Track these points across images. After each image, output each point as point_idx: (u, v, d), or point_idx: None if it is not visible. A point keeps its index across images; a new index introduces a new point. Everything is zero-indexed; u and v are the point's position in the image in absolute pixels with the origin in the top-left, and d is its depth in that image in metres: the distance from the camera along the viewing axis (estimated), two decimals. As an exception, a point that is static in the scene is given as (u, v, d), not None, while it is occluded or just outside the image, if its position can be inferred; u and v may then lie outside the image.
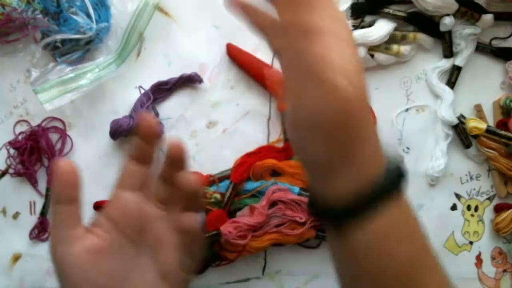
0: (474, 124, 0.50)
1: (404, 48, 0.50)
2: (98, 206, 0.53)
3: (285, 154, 0.51)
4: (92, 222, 0.33)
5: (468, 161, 0.52)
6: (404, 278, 0.30)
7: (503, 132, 0.49)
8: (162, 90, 0.52)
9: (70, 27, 0.50)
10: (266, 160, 0.50)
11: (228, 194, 0.49)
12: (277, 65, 0.52)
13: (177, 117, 0.53)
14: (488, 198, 0.53)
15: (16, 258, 0.55)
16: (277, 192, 0.49)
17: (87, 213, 0.55)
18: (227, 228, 0.47)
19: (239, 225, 0.48)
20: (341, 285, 0.33)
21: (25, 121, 0.54)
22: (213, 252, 0.50)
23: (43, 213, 0.54)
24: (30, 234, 0.54)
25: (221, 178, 0.51)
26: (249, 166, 0.50)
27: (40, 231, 0.54)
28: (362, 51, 0.50)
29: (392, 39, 0.50)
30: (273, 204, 0.49)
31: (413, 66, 0.52)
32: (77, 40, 0.51)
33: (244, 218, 0.48)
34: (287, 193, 0.49)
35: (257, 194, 0.50)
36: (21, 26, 0.51)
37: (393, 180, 0.29)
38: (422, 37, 0.50)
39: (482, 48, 0.51)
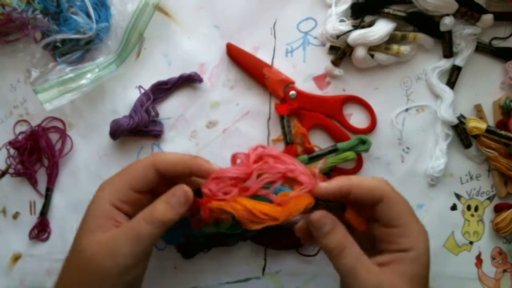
0: (474, 124, 0.50)
1: (404, 48, 0.50)
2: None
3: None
4: None
5: (468, 161, 0.52)
6: None
7: (503, 132, 0.49)
8: (162, 90, 0.52)
9: (70, 27, 0.50)
10: None
11: None
12: (277, 65, 0.52)
13: (177, 117, 0.53)
14: (488, 198, 0.53)
15: (16, 258, 0.55)
16: (260, 149, 0.40)
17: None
18: (207, 186, 0.38)
19: (221, 180, 0.38)
20: None
21: (25, 121, 0.54)
22: (204, 239, 0.50)
23: (43, 213, 0.54)
24: (30, 234, 0.54)
25: None
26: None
27: (40, 231, 0.54)
28: (362, 51, 0.50)
29: (392, 39, 0.50)
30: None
31: (413, 66, 0.52)
32: (77, 40, 0.51)
33: (226, 170, 0.39)
34: (275, 149, 0.41)
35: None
36: (21, 26, 0.51)
37: None
38: (422, 37, 0.50)
39: (482, 48, 0.51)
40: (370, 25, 0.50)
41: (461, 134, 0.51)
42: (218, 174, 0.39)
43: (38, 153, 0.54)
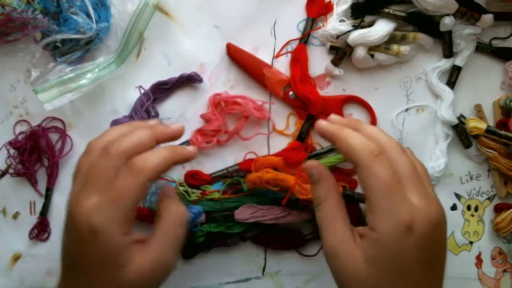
0: (474, 124, 0.50)
1: (404, 48, 0.50)
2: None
3: (294, 152, 0.50)
4: None
5: (468, 161, 0.52)
6: None
7: (503, 132, 0.49)
8: (162, 90, 0.52)
9: (70, 27, 0.50)
10: (268, 157, 0.50)
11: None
12: (277, 65, 0.52)
13: (177, 117, 0.53)
14: (488, 198, 0.53)
15: (16, 258, 0.55)
16: (217, 96, 0.51)
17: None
18: (194, 136, 0.51)
19: (204, 132, 0.51)
20: None
21: (25, 121, 0.54)
22: (204, 239, 0.51)
23: (43, 213, 0.54)
24: (30, 234, 0.54)
25: (216, 177, 0.52)
26: (254, 160, 0.50)
27: (40, 231, 0.54)
28: (362, 51, 0.50)
29: (392, 39, 0.50)
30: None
31: (413, 66, 0.52)
32: (77, 40, 0.51)
33: (205, 126, 0.51)
34: (227, 95, 0.52)
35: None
36: (21, 26, 0.50)
37: None
38: (422, 37, 0.50)
39: (482, 48, 0.51)
40: (370, 25, 0.50)
41: (461, 134, 0.51)
42: (202, 128, 0.51)
43: (38, 153, 0.54)
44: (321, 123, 0.40)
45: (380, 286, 0.34)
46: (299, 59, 0.51)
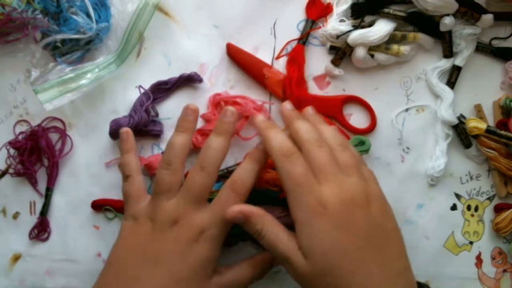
0: (474, 124, 0.50)
1: (404, 48, 0.50)
2: (96, 205, 0.53)
3: None
4: None
5: (468, 161, 0.52)
6: None
7: (503, 132, 0.49)
8: (162, 90, 0.52)
9: (70, 27, 0.50)
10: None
11: None
12: (277, 65, 0.52)
13: (177, 117, 0.53)
14: (488, 198, 0.53)
15: (16, 258, 0.55)
16: (217, 96, 0.52)
17: (86, 213, 0.56)
18: (195, 136, 0.51)
19: (205, 132, 0.51)
20: None
21: (25, 121, 0.54)
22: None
23: (43, 213, 0.54)
24: (30, 234, 0.54)
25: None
26: None
27: (40, 231, 0.54)
28: (362, 51, 0.50)
29: (392, 39, 0.50)
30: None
31: (413, 66, 0.52)
32: (77, 40, 0.51)
33: (205, 126, 0.51)
34: (227, 95, 0.52)
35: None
36: (21, 26, 0.51)
37: None
38: (422, 37, 0.50)
39: (482, 48, 0.51)
40: (370, 25, 0.50)
41: (461, 134, 0.51)
42: (202, 128, 0.51)
43: (38, 153, 0.54)
44: (257, 117, 0.44)
45: (323, 273, 0.37)
46: (296, 60, 0.51)
